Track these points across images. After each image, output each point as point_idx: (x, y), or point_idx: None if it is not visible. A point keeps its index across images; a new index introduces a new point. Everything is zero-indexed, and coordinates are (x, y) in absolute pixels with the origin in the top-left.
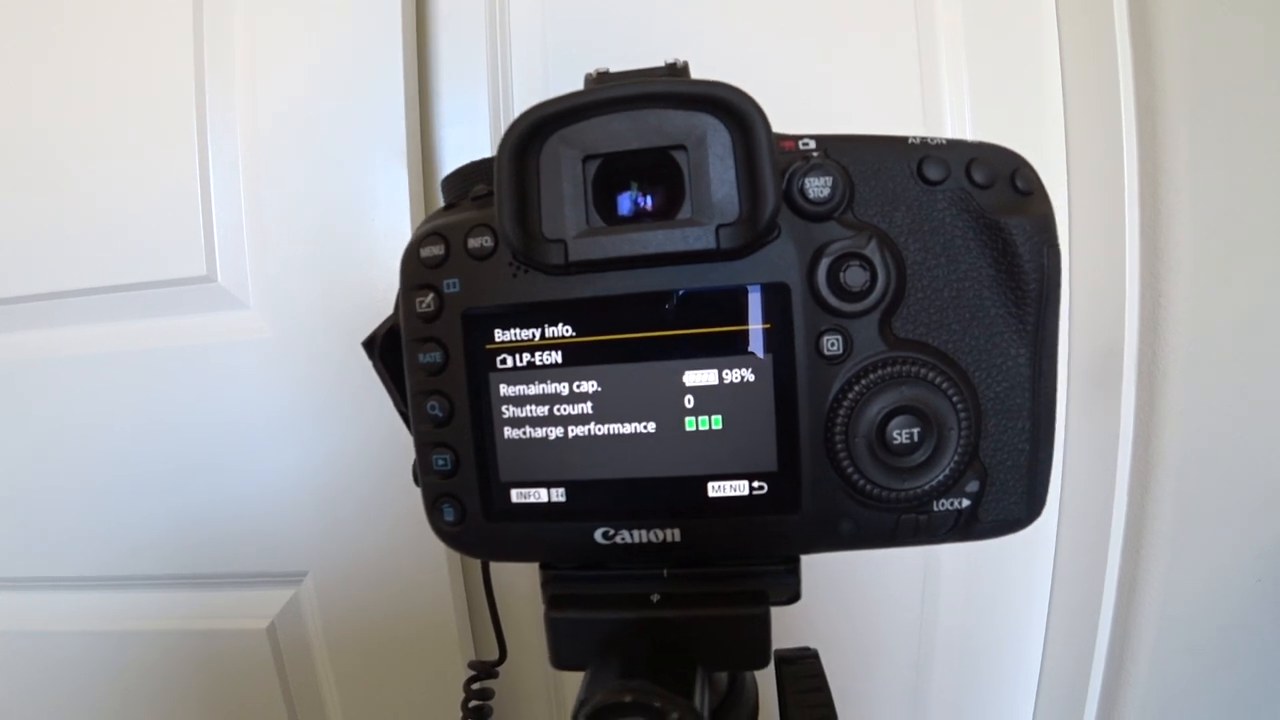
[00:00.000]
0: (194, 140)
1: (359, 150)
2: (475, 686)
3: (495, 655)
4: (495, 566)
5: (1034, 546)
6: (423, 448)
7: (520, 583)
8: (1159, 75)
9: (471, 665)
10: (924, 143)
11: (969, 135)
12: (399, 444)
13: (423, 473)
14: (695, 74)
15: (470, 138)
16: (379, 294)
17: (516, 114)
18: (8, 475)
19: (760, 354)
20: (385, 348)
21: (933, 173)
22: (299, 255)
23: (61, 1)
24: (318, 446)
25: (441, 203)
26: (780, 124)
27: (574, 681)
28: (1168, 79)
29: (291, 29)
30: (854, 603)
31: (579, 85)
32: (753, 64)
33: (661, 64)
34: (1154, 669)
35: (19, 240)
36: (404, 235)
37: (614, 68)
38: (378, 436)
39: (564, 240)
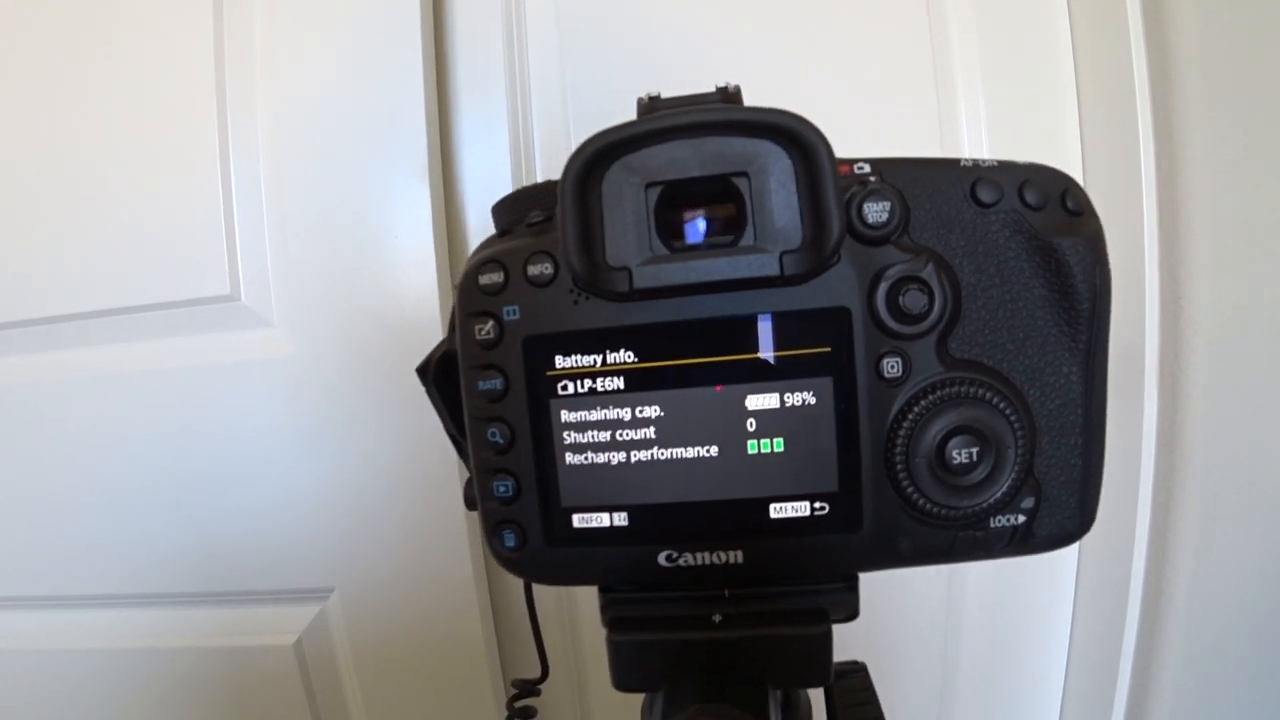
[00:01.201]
0: (216, 160)
1: (380, 169)
2: (519, 705)
3: (525, 672)
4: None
5: (1058, 554)
6: (483, 474)
7: (547, 601)
8: (1175, 76)
9: (514, 683)
10: (976, 165)
11: (984, 142)
12: (425, 460)
13: (482, 499)
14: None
15: (489, 155)
16: (402, 311)
17: (534, 132)
18: (33, 493)
19: (821, 377)
20: (439, 373)
21: (986, 195)
22: (321, 274)
23: (85, 27)
24: (343, 463)
25: (481, 226)
26: None
27: (601, 701)
28: (1183, 79)
29: (311, 48)
30: (878, 611)
31: (596, 102)
32: (765, 82)
33: (712, 89)
34: (1181, 675)
35: (43, 262)
36: (426, 252)
37: (630, 83)
38: (403, 453)
39: (628, 268)
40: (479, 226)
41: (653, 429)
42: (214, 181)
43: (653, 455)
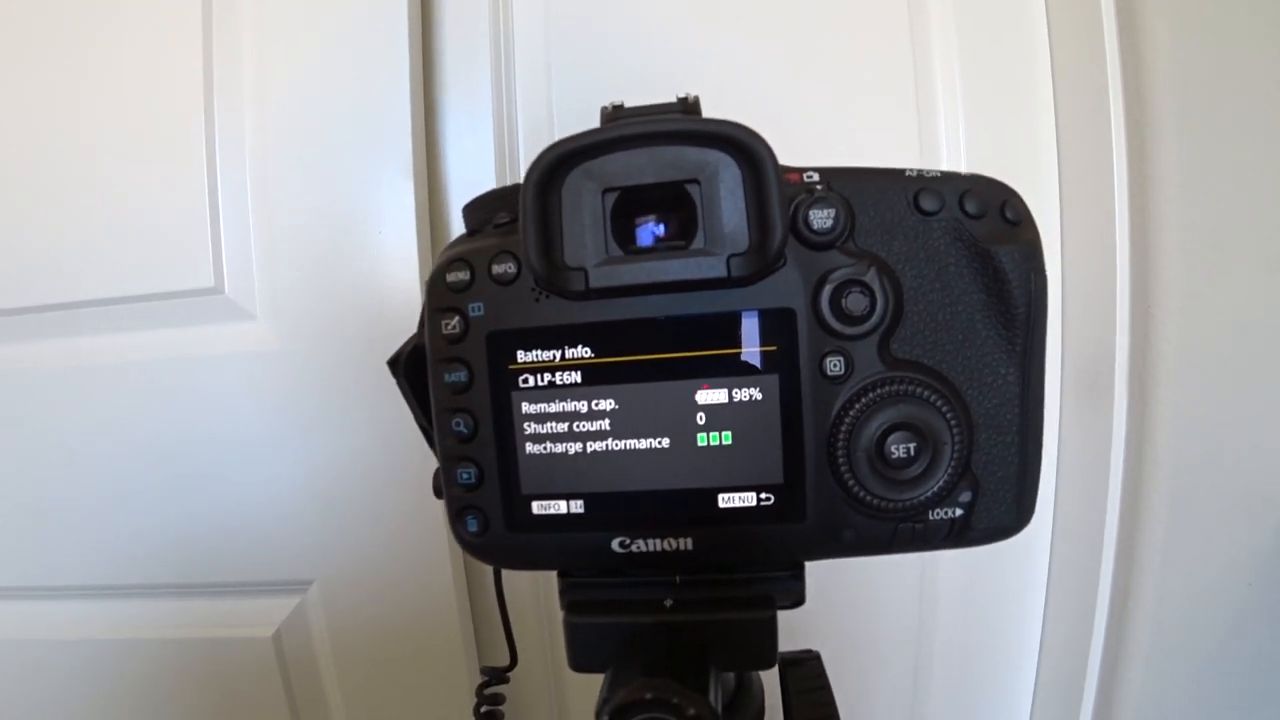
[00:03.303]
0: (202, 153)
1: (366, 164)
2: (487, 692)
3: (503, 660)
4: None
5: (1029, 552)
6: (447, 462)
7: (523, 590)
8: (1148, 91)
9: (484, 671)
10: (920, 175)
11: (963, 150)
12: (404, 454)
13: (447, 486)
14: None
15: (474, 152)
16: (384, 306)
17: (519, 130)
18: (14, 484)
19: (767, 374)
20: (409, 366)
21: (928, 204)
22: (306, 268)
23: (71, 16)
24: (323, 456)
25: (462, 226)
26: (780, 150)
27: (575, 687)
28: (1156, 95)
29: (299, 42)
30: (853, 607)
31: (581, 100)
32: (749, 90)
33: (674, 98)
34: (1148, 672)
35: (27, 251)
36: (410, 248)
37: (615, 83)
38: (383, 446)
39: (585, 268)
40: (462, 224)
41: (608, 421)
42: (199, 173)
43: (607, 446)
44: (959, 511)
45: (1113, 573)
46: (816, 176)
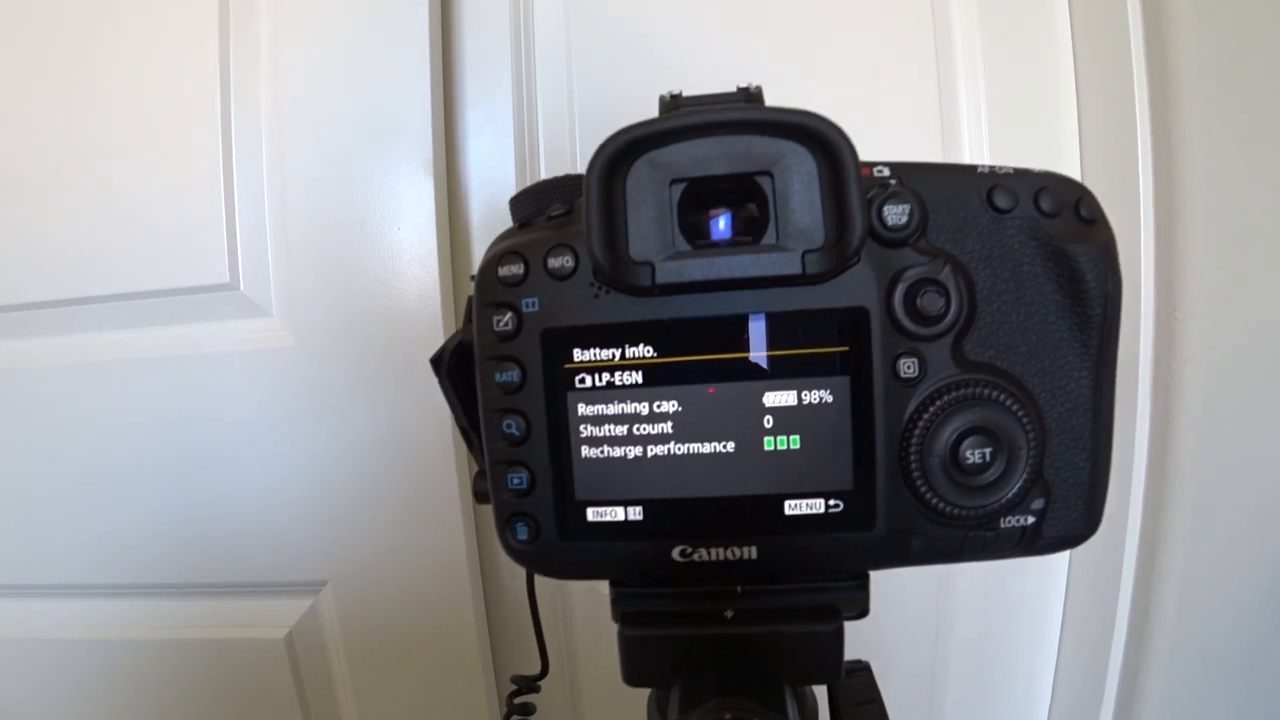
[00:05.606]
0: (219, 148)
1: (383, 159)
2: (518, 701)
3: (517, 667)
4: (516, 580)
5: (1049, 558)
6: (496, 466)
7: (540, 595)
8: (1173, 90)
9: (514, 679)
10: (993, 171)
11: (985, 147)
12: (421, 456)
13: (495, 491)
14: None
15: (494, 148)
16: (402, 304)
17: (539, 126)
18: (26, 479)
19: (839, 375)
20: (453, 364)
21: (1002, 201)
22: (322, 264)
23: (87, 11)
24: (339, 455)
25: (483, 222)
26: None
27: (593, 696)
28: (1182, 94)
29: (318, 37)
30: (869, 615)
31: (601, 97)
32: (768, 81)
33: (732, 87)
34: (1168, 682)
35: (41, 246)
36: (429, 245)
37: (636, 81)
38: (399, 448)
39: (651, 263)
40: (482, 220)
41: (670, 424)
42: (215, 168)
43: (669, 450)
44: (1030, 519)
45: (1134, 581)
46: (888, 171)
